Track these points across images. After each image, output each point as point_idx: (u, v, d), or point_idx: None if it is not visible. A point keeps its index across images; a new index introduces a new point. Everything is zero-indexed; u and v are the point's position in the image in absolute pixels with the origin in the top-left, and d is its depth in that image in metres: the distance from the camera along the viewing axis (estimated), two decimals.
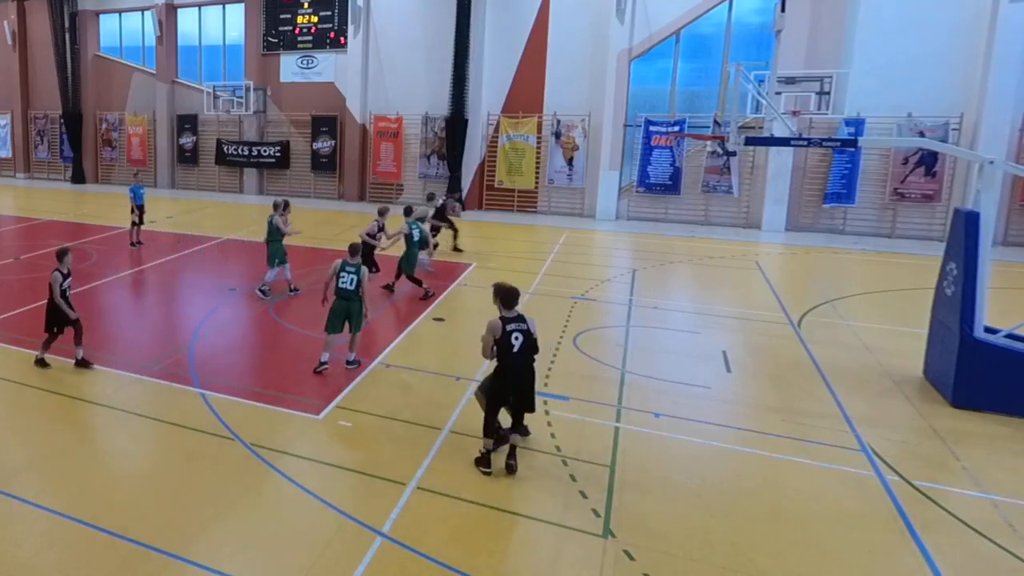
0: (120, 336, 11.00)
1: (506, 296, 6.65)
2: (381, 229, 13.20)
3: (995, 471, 6.76)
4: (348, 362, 9.28)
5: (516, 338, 6.51)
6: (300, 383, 8.86)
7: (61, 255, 9.19)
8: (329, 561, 5.36)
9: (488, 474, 6.53)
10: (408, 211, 13.45)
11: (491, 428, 6.69)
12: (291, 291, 12.98)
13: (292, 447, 7.13)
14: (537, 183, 23.44)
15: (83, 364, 9.19)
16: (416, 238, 13.00)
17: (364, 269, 9.19)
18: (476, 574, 5.22)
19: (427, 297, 12.66)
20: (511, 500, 6.20)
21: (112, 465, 7.02)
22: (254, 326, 11.56)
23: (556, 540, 5.66)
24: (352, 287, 9.05)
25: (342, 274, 9.10)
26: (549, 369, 9.25)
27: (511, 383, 6.59)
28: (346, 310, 9.10)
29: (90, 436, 7.67)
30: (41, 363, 9.31)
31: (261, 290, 12.76)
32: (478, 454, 6.72)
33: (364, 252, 10.17)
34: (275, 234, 12.73)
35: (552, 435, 7.38)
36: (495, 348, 6.55)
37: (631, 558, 5.41)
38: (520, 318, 6.61)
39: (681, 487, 6.48)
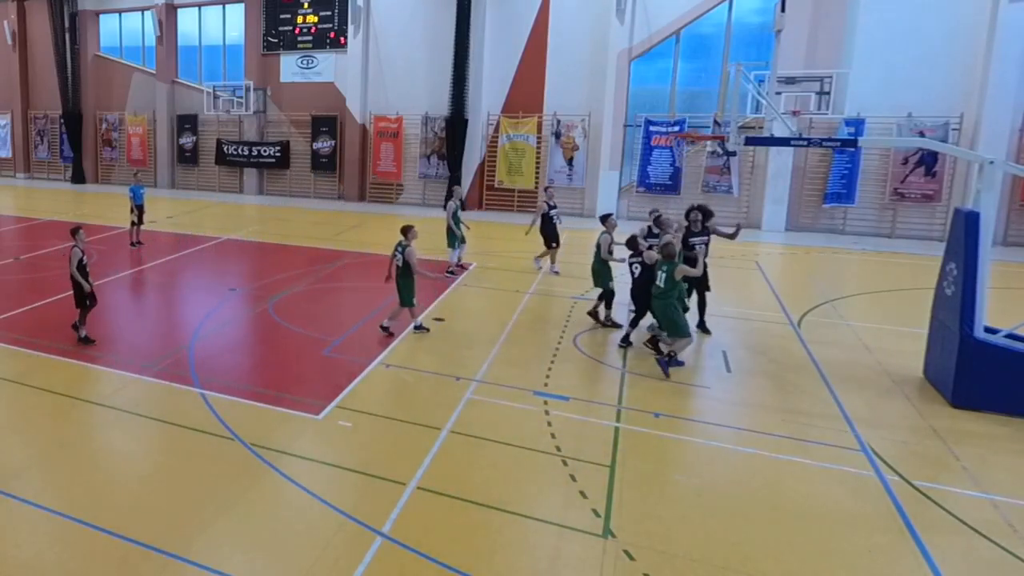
0: (120, 336, 10.99)
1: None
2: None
3: (995, 471, 6.76)
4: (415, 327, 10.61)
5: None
6: (300, 383, 8.86)
7: (75, 232, 10.11)
8: (329, 561, 5.35)
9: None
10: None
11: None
12: (450, 270, 14.37)
13: (292, 447, 7.13)
14: (537, 183, 23.43)
15: (86, 341, 10.01)
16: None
17: (410, 249, 10.30)
18: (476, 574, 5.22)
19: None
20: (511, 500, 6.20)
21: (112, 465, 7.02)
22: (254, 326, 11.56)
23: (556, 540, 5.65)
24: (401, 264, 10.36)
25: (395, 253, 10.46)
26: (549, 369, 9.26)
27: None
28: (399, 286, 10.47)
29: (90, 436, 7.66)
30: (86, 340, 10.00)
31: (449, 271, 14.26)
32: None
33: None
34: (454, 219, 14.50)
35: (552, 435, 7.38)
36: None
37: (631, 558, 5.41)
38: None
39: (681, 487, 6.48)
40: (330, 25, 26.35)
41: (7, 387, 8.66)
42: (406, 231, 10.54)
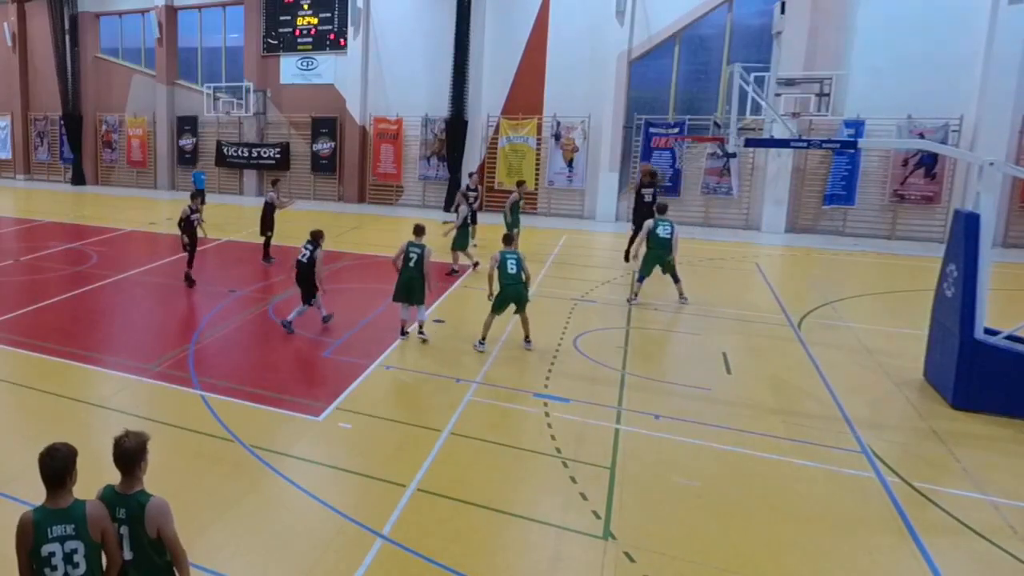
0: (120, 337, 11.00)
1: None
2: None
3: (995, 473, 6.76)
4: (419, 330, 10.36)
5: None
6: (300, 384, 8.86)
7: None
8: (329, 563, 5.35)
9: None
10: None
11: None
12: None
13: (292, 449, 7.13)
14: (537, 185, 23.45)
15: None
16: None
17: (428, 248, 10.14)
18: None
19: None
20: (511, 502, 6.20)
21: (112, 467, 6.98)
22: (254, 328, 11.56)
23: (556, 542, 5.65)
24: (414, 264, 10.11)
25: (409, 253, 10.18)
26: (549, 371, 9.26)
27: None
28: (408, 284, 10.18)
29: (90, 437, 7.65)
30: None
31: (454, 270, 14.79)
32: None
33: None
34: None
35: (552, 437, 7.38)
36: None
37: (631, 560, 5.41)
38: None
39: (681, 489, 6.48)
40: (330, 27, 26.36)
41: (7, 388, 8.66)
42: (419, 231, 10.40)
